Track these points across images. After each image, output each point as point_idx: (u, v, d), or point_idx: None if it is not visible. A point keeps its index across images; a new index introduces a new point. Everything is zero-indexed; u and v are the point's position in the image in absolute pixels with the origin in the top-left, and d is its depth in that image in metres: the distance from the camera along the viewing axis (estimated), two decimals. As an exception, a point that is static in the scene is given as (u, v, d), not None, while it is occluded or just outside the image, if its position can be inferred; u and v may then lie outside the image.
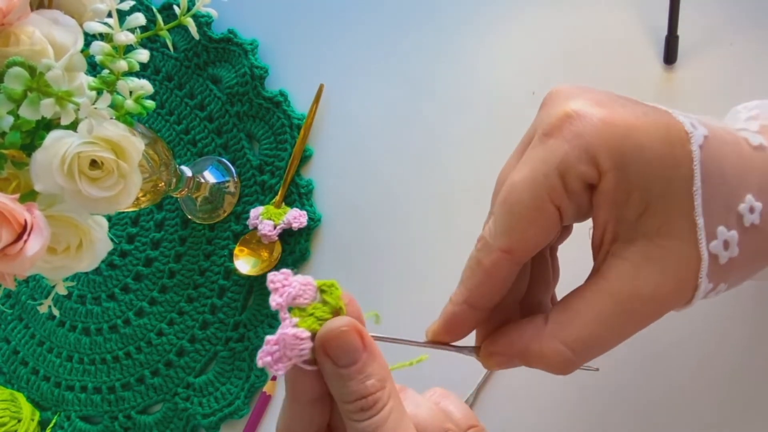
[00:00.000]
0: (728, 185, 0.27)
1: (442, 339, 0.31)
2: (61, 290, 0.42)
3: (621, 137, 0.26)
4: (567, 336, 0.28)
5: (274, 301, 0.26)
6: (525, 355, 0.29)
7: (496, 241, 0.29)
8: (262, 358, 0.26)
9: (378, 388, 0.26)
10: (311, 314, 0.26)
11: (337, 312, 0.27)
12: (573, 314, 0.28)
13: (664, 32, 0.46)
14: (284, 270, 0.27)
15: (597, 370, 0.34)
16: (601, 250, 0.29)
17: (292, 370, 0.27)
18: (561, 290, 0.32)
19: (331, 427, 0.29)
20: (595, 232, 0.29)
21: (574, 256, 0.34)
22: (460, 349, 0.32)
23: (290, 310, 0.27)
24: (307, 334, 0.26)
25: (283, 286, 0.27)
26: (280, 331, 0.26)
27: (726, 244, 0.27)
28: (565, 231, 0.34)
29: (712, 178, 0.27)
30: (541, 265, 0.33)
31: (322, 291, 0.27)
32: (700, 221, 0.26)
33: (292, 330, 0.26)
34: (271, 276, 0.27)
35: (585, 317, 0.28)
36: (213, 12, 0.43)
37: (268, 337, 0.26)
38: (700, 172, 0.27)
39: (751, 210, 0.27)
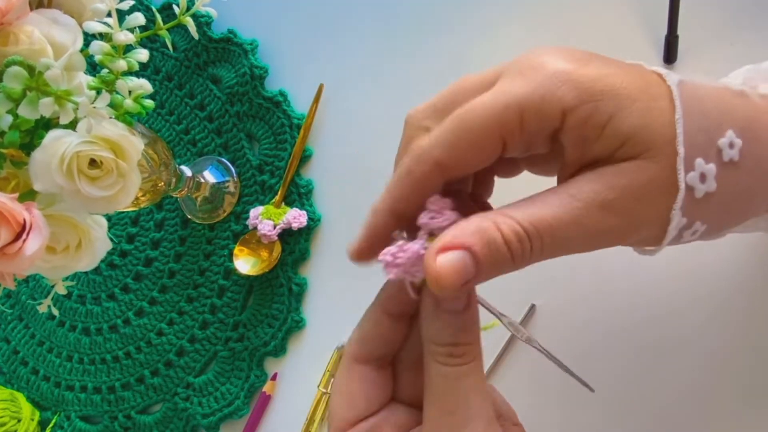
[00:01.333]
0: (708, 119, 0.27)
1: (365, 256, 0.30)
2: (61, 290, 0.42)
3: (591, 80, 0.26)
4: (517, 214, 0.26)
5: (422, 219, 0.28)
6: (480, 236, 0.26)
7: (434, 151, 0.28)
8: (383, 255, 0.28)
9: (470, 341, 0.28)
10: None
11: None
12: (527, 202, 0.27)
13: (664, 32, 0.46)
14: (446, 200, 0.28)
15: (593, 391, 0.33)
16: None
17: (398, 282, 0.28)
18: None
19: (397, 359, 0.31)
20: (563, 171, 0.28)
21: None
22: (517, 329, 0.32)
23: (430, 234, 0.28)
24: None
25: (438, 212, 0.28)
26: (413, 244, 0.28)
27: (703, 177, 0.26)
28: (513, 167, 0.33)
29: (692, 112, 0.26)
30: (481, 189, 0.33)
31: None
32: (681, 150, 0.26)
33: (423, 251, 0.27)
34: (432, 198, 0.28)
35: (537, 205, 0.26)
36: (213, 12, 0.43)
37: (402, 242, 0.28)
38: (680, 103, 0.26)
39: (731, 145, 0.27)
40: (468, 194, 0.33)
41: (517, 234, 0.26)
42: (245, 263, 0.56)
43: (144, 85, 0.35)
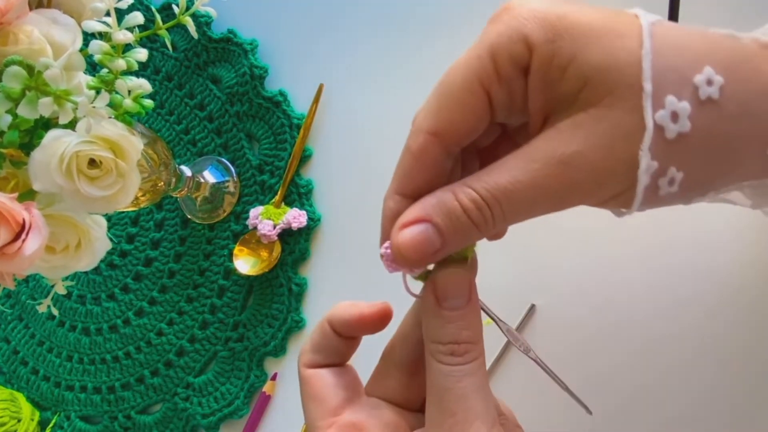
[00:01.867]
0: (684, 57, 0.25)
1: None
2: (61, 290, 0.42)
3: (557, 17, 0.25)
4: (475, 183, 0.26)
5: None
6: (440, 207, 0.26)
7: (424, 123, 0.28)
8: (383, 248, 0.28)
9: (472, 340, 0.27)
10: None
11: (463, 259, 0.28)
12: (485, 171, 0.26)
13: (664, 32, 0.46)
14: None
15: (591, 413, 0.33)
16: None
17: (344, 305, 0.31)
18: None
19: (389, 360, 0.31)
20: (532, 121, 0.27)
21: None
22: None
23: None
24: None
25: None
26: None
27: (675, 116, 0.24)
28: (504, 140, 0.32)
29: (664, 50, 0.25)
30: (468, 156, 0.32)
31: None
32: (648, 86, 0.24)
33: None
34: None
35: (495, 172, 0.26)
36: (212, 11, 0.43)
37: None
38: (650, 40, 0.25)
39: (709, 82, 0.24)
40: None
41: (475, 202, 0.25)
42: (245, 263, 0.56)
43: (143, 84, 0.35)
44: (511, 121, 0.30)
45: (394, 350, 0.31)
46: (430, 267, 0.28)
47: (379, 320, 0.32)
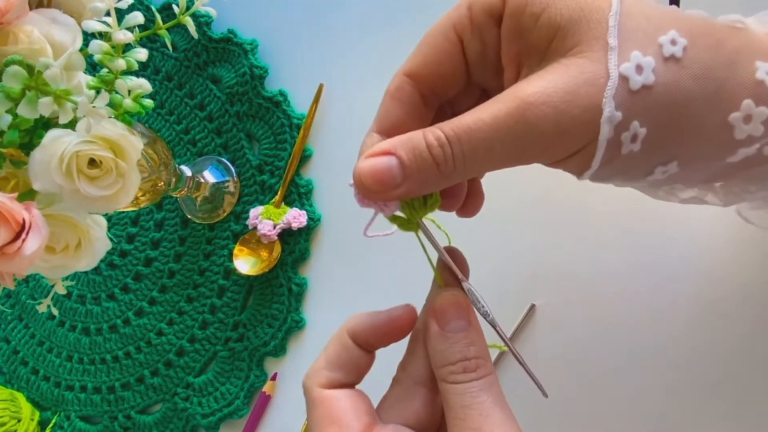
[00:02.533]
0: (651, 21, 0.26)
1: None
2: (60, 290, 0.42)
3: None
4: (448, 124, 0.26)
5: None
6: (407, 142, 0.27)
7: (402, 67, 0.30)
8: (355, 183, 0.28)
9: (481, 355, 0.28)
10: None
11: (425, 213, 0.30)
12: (460, 116, 0.27)
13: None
14: None
15: (546, 396, 0.33)
16: None
17: (364, 316, 0.31)
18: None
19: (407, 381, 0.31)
20: (506, 73, 0.28)
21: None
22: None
23: None
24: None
25: None
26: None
27: (639, 68, 0.25)
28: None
29: (634, 11, 0.26)
30: None
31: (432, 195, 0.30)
32: (613, 41, 0.25)
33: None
34: None
35: (469, 114, 0.26)
36: (212, 11, 0.43)
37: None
38: (619, 3, 0.26)
39: (673, 42, 0.26)
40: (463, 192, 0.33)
41: (439, 139, 0.26)
42: (245, 263, 0.56)
43: (143, 84, 0.35)
44: (489, 82, 0.30)
45: (409, 369, 0.31)
46: (399, 213, 0.29)
47: (408, 323, 0.32)
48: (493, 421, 0.27)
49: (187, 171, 0.54)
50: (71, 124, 0.34)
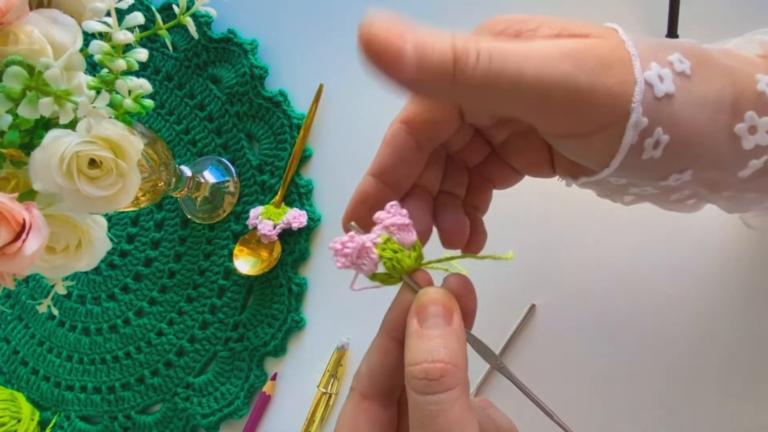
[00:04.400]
0: (654, 44, 0.27)
1: (356, 215, 0.31)
2: (61, 290, 0.42)
3: (524, 17, 0.27)
4: (475, 41, 0.25)
5: (378, 214, 0.29)
6: (430, 34, 0.25)
7: (398, 115, 0.30)
8: (335, 243, 0.29)
9: (449, 361, 0.25)
10: (394, 251, 0.28)
11: (411, 268, 0.28)
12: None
13: (664, 32, 0.46)
14: (395, 203, 0.29)
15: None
16: None
17: (394, 308, 0.29)
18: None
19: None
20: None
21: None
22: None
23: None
24: (377, 258, 0.28)
25: (394, 214, 0.29)
26: (363, 236, 0.28)
27: (660, 78, 0.26)
28: (502, 169, 0.33)
29: (638, 39, 0.27)
30: (454, 169, 0.33)
31: (415, 247, 0.29)
32: (633, 50, 0.26)
33: (369, 243, 0.28)
34: (393, 203, 0.29)
35: (505, 41, 0.26)
36: (212, 12, 0.43)
37: (353, 234, 0.29)
38: (622, 29, 0.27)
39: (681, 61, 0.27)
40: (460, 204, 0.33)
41: (467, 40, 0.25)
42: (245, 263, 0.56)
43: (143, 84, 0.35)
44: (483, 121, 0.31)
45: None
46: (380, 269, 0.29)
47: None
48: None
49: (187, 171, 0.54)
50: (71, 125, 0.34)
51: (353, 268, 0.29)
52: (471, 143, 0.32)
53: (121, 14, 0.35)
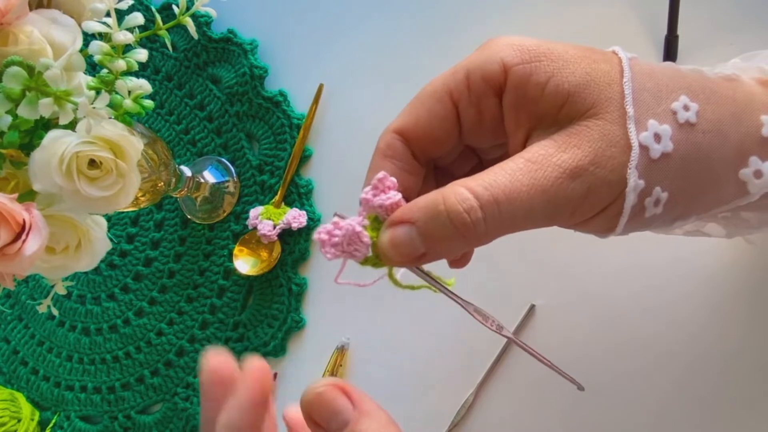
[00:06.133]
0: (659, 85, 0.27)
1: None
2: (60, 290, 0.42)
3: (535, 45, 0.27)
4: (471, 182, 0.25)
5: (363, 194, 0.27)
6: (425, 209, 0.25)
7: (392, 124, 0.29)
8: (320, 234, 0.27)
9: (379, 428, 0.25)
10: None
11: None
12: (485, 171, 0.26)
13: (664, 32, 0.46)
14: (392, 179, 0.27)
15: (583, 389, 0.32)
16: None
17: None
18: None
19: None
20: (513, 138, 0.28)
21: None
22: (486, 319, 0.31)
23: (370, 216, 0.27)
24: (368, 240, 0.27)
25: (383, 190, 0.27)
26: (349, 220, 0.27)
27: (657, 137, 0.26)
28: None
29: (641, 76, 0.26)
30: (443, 177, 0.32)
31: None
32: (630, 110, 0.25)
33: (359, 227, 0.27)
34: (380, 175, 0.27)
35: (492, 172, 0.26)
36: (212, 12, 0.43)
37: (338, 220, 0.27)
38: (629, 67, 0.26)
39: (686, 108, 0.26)
40: None
41: (466, 202, 0.25)
42: (245, 263, 0.56)
43: (143, 85, 0.35)
44: (481, 144, 0.30)
45: None
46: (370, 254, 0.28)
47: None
48: None
49: (187, 171, 0.54)
50: (71, 125, 0.34)
51: (344, 257, 0.28)
52: (461, 156, 0.32)
53: (120, 15, 0.35)
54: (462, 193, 0.25)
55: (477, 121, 0.28)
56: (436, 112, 0.28)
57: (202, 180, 0.56)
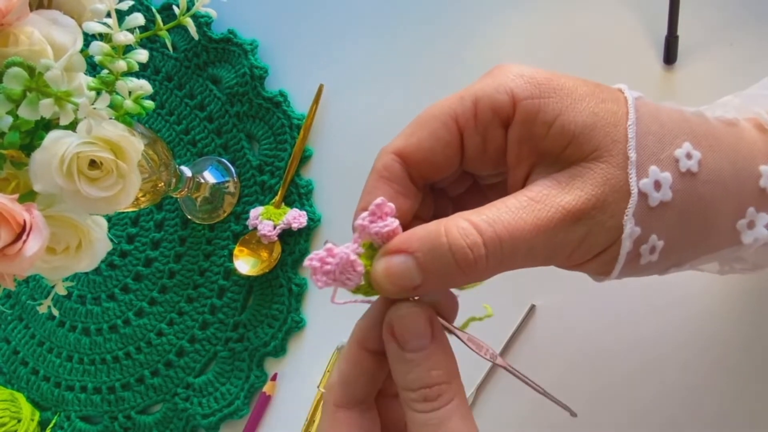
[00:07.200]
0: (664, 129, 0.26)
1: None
2: (61, 290, 0.42)
3: (545, 78, 0.26)
4: (473, 216, 0.25)
5: (359, 221, 0.26)
6: (425, 240, 0.25)
7: (391, 145, 0.28)
8: (311, 261, 0.26)
9: (444, 380, 0.26)
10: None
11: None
12: (483, 207, 0.26)
13: (664, 32, 0.46)
14: (390, 205, 0.27)
15: (575, 415, 0.32)
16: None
17: (373, 315, 0.27)
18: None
19: (384, 396, 0.29)
20: (514, 172, 0.28)
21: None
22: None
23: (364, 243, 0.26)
24: (362, 269, 0.26)
25: (380, 217, 0.26)
26: (343, 248, 0.26)
27: (657, 185, 0.25)
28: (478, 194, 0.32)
29: (647, 118, 0.26)
30: (438, 197, 0.32)
31: None
32: (633, 155, 0.25)
33: (353, 256, 0.26)
34: (378, 201, 0.26)
35: (495, 207, 0.25)
36: (212, 12, 0.43)
37: (331, 246, 0.26)
38: (634, 109, 0.26)
39: (689, 156, 0.26)
40: None
41: (469, 237, 0.24)
42: (245, 263, 0.56)
43: (144, 85, 0.35)
44: (481, 172, 0.30)
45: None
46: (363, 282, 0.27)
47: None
48: None
49: (187, 171, 0.54)
50: (72, 126, 0.34)
51: (336, 285, 0.27)
52: (458, 179, 0.32)
53: (121, 15, 0.35)
54: (466, 227, 0.25)
55: (481, 150, 0.28)
56: (440, 136, 0.27)
57: (203, 180, 0.56)
